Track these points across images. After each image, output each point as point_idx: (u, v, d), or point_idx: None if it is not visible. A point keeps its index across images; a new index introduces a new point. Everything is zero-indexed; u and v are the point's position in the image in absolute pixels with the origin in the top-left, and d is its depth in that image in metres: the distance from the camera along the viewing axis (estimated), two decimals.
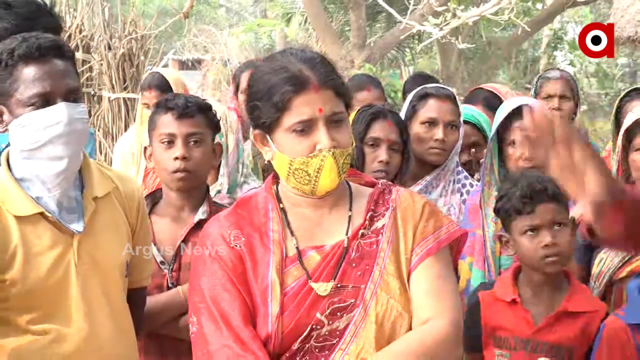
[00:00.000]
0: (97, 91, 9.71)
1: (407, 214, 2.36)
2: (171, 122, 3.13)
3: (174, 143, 3.11)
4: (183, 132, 3.12)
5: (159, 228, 3.16)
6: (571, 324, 2.95)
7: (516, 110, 3.58)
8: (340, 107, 2.28)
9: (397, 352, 2.21)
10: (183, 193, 3.18)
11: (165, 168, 3.14)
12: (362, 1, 18.54)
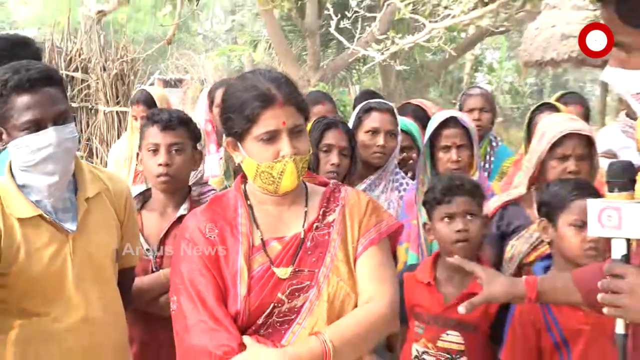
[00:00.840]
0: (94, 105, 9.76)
1: (353, 209, 2.37)
2: (156, 133, 3.12)
3: (159, 151, 3.09)
4: (166, 142, 3.10)
5: (147, 221, 3.15)
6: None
7: (445, 121, 3.60)
8: (300, 120, 2.28)
9: (345, 325, 2.21)
10: (167, 193, 3.17)
11: (151, 172, 3.13)
12: (317, 30, 18.61)
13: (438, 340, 2.95)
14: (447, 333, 2.95)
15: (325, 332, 2.17)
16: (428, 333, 2.97)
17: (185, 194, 3.22)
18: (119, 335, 2.62)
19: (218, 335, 2.18)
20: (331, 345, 2.14)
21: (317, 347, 2.15)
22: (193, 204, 3.12)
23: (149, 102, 4.94)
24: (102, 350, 2.52)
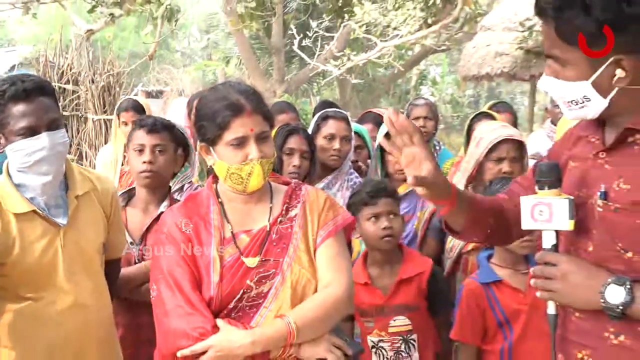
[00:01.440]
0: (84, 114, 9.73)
1: (313, 205, 2.36)
2: (142, 135, 3.11)
3: (144, 151, 3.08)
4: (150, 143, 3.09)
5: (131, 217, 3.12)
6: (409, 287, 2.99)
7: None
8: (266, 127, 2.27)
9: (307, 308, 2.21)
10: (149, 190, 3.14)
11: (136, 169, 3.12)
12: (282, 48, 18.63)
13: (388, 327, 2.97)
14: (394, 319, 2.97)
15: (289, 315, 2.17)
16: (378, 324, 2.98)
17: (166, 192, 3.19)
18: (105, 319, 2.60)
19: (194, 318, 2.16)
20: (295, 326, 2.14)
21: (282, 327, 2.15)
22: (173, 201, 3.10)
23: (139, 109, 4.95)
24: (90, 332, 2.49)
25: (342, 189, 3.75)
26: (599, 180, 1.74)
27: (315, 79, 19.42)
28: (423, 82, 24.45)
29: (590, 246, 1.75)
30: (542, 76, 1.77)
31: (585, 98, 1.70)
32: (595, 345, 1.73)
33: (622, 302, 1.61)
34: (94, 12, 8.48)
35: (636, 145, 1.70)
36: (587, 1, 1.60)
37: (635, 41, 1.63)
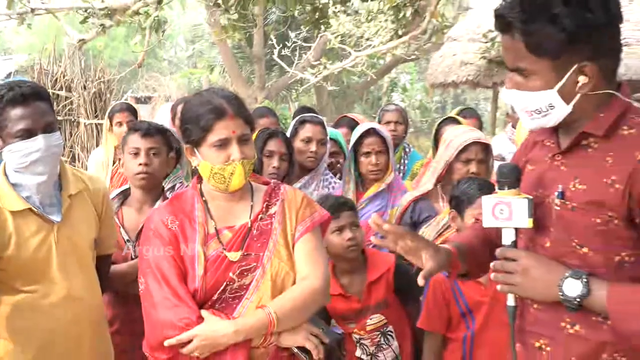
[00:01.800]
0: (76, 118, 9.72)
1: (291, 203, 2.36)
2: (137, 139, 3.10)
3: (139, 154, 3.07)
4: (145, 146, 3.09)
5: (127, 216, 3.11)
6: (378, 286, 3.00)
7: (366, 131, 3.63)
8: (247, 130, 2.27)
9: (286, 299, 2.21)
10: (144, 191, 3.13)
11: (132, 172, 3.10)
12: (262, 57, 18.66)
13: (366, 326, 2.99)
14: (370, 318, 2.98)
15: (270, 305, 2.18)
16: (357, 324, 2.99)
17: (159, 192, 3.18)
18: (96, 310, 2.59)
19: (180, 309, 2.16)
20: (275, 315, 2.15)
21: (263, 317, 2.15)
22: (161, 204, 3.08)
23: (132, 110, 4.99)
24: (82, 323, 2.48)
25: (318, 188, 3.76)
26: (556, 181, 1.75)
27: (293, 86, 19.40)
28: (394, 89, 24.49)
29: (547, 242, 1.76)
30: (504, 89, 1.77)
31: (550, 106, 1.70)
32: (552, 334, 1.74)
33: (579, 294, 1.62)
34: (86, 23, 8.39)
35: (590, 148, 1.71)
36: (554, 12, 1.59)
37: (596, 48, 1.64)
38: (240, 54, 19.98)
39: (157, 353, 2.21)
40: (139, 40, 8.14)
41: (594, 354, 1.69)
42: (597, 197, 1.65)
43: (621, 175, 1.62)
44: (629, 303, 1.59)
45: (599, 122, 1.69)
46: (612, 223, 1.64)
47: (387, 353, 2.99)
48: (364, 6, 13.10)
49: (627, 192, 1.60)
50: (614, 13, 1.64)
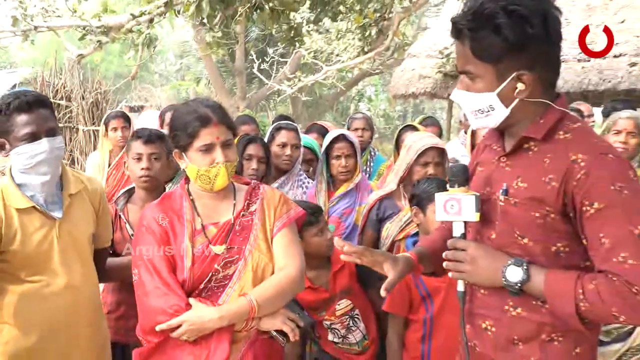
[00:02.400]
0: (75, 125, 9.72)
1: (270, 201, 2.35)
2: (140, 145, 3.08)
3: (142, 159, 3.05)
4: (147, 152, 3.06)
5: (132, 213, 3.08)
6: (342, 274, 3.00)
7: (337, 137, 3.63)
8: (230, 136, 2.26)
9: (266, 287, 2.21)
10: (147, 191, 3.10)
11: (136, 175, 3.08)
12: (243, 71, 18.64)
13: (336, 311, 2.99)
14: (338, 304, 2.98)
15: (251, 293, 2.17)
16: (327, 312, 2.99)
17: (161, 192, 3.11)
18: (94, 298, 2.55)
19: (170, 298, 2.15)
20: (256, 302, 2.14)
21: (245, 304, 2.14)
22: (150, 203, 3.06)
23: (126, 117, 4.94)
24: (81, 309, 2.45)
25: (293, 188, 3.76)
26: (501, 180, 1.76)
27: (271, 96, 19.41)
28: (361, 100, 24.61)
29: (493, 234, 1.77)
30: (455, 89, 1.79)
31: (491, 107, 1.71)
32: (497, 316, 1.76)
33: (519, 280, 1.64)
34: (84, 40, 8.31)
35: (530, 150, 1.72)
36: (497, 23, 1.60)
37: (534, 59, 1.65)
38: (223, 67, 19.92)
39: (149, 337, 2.20)
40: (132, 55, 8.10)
41: (534, 333, 1.70)
42: (536, 193, 1.66)
43: (557, 174, 1.63)
44: (563, 288, 1.60)
45: (538, 127, 1.70)
46: (550, 217, 1.65)
47: (355, 334, 3.00)
48: (334, 26, 13.14)
49: (562, 189, 1.62)
50: (553, 30, 1.65)
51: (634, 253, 1.52)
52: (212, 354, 2.14)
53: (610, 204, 1.55)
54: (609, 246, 1.55)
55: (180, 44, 26.57)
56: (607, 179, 1.56)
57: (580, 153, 1.61)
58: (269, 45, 18.54)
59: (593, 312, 1.57)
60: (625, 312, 1.54)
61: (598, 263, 1.59)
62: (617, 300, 1.53)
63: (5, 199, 2.35)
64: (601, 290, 1.55)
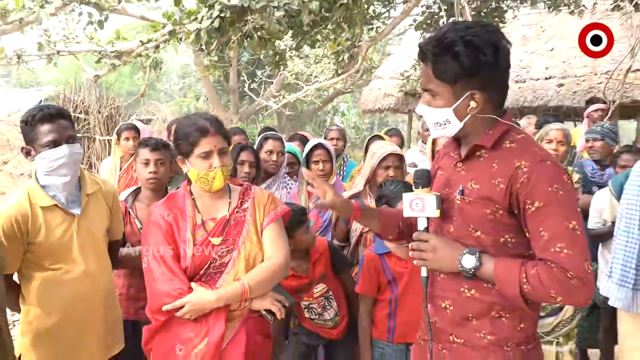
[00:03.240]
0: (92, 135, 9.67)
1: (260, 200, 2.33)
2: (147, 152, 3.06)
3: (149, 164, 3.05)
4: (154, 157, 3.06)
5: (139, 210, 3.06)
6: (319, 263, 2.98)
7: (315, 145, 3.62)
8: (225, 144, 2.24)
9: (256, 273, 2.19)
10: (153, 191, 3.09)
11: (144, 177, 3.07)
12: (236, 89, 18.58)
13: (314, 294, 2.98)
14: (316, 288, 2.97)
15: (244, 278, 2.16)
16: (307, 294, 2.98)
17: (164, 192, 3.11)
18: (108, 283, 2.52)
19: (174, 282, 2.13)
20: (248, 286, 2.13)
21: (239, 287, 2.13)
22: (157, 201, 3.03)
23: (136, 129, 4.89)
24: (96, 292, 2.42)
25: (279, 188, 3.74)
26: (458, 182, 1.76)
27: (260, 111, 19.38)
28: (335, 114, 24.63)
29: (451, 228, 1.77)
30: (419, 104, 1.78)
31: (447, 121, 1.71)
32: (454, 297, 1.76)
33: (473, 266, 1.65)
34: (100, 62, 8.22)
35: (482, 157, 1.73)
36: (455, 50, 1.61)
37: (485, 82, 1.65)
38: (219, 86, 19.85)
39: (157, 316, 2.18)
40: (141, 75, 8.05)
41: (485, 311, 1.71)
42: (487, 193, 1.67)
43: (504, 178, 1.63)
44: (509, 273, 1.61)
45: (487, 137, 1.71)
46: (498, 213, 1.65)
47: (330, 312, 2.99)
48: (312, 52, 13.17)
49: (509, 190, 1.62)
50: (502, 59, 1.66)
51: (568, 244, 1.54)
52: (211, 330, 2.12)
53: (548, 202, 1.57)
54: (548, 238, 1.56)
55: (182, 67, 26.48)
56: (545, 182, 1.58)
57: (523, 160, 1.62)
58: (257, 67, 18.54)
59: (534, 294, 1.58)
60: (562, 294, 1.55)
61: (538, 252, 1.60)
62: (555, 283, 1.55)
63: (32, 198, 2.32)
64: (541, 275, 1.56)
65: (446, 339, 1.79)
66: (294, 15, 6.23)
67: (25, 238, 2.28)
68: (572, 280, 1.53)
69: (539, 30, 12.19)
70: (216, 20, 5.94)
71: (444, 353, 1.79)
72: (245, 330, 2.19)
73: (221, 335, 2.12)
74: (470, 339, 1.73)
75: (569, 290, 1.54)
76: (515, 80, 10.98)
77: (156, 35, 7.61)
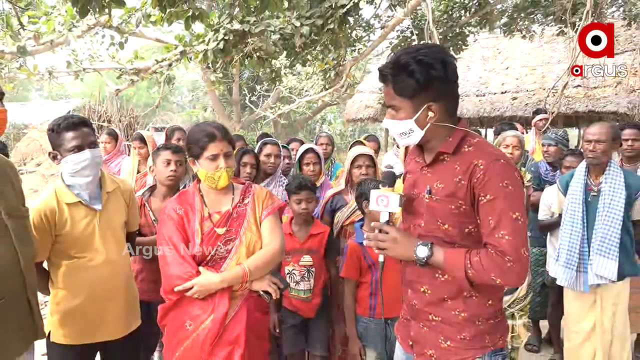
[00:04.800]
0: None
1: (259, 196, 2.31)
2: (169, 154, 3.07)
3: (170, 164, 3.05)
4: (174, 159, 3.06)
5: (154, 204, 3.05)
6: (315, 239, 2.98)
7: (307, 149, 3.60)
8: (230, 149, 2.21)
9: (256, 258, 2.17)
10: (168, 188, 3.07)
11: (164, 175, 3.06)
12: (238, 102, 18.53)
13: (300, 261, 2.95)
14: (303, 257, 2.95)
15: (245, 263, 2.14)
16: (293, 259, 2.96)
17: (177, 189, 3.09)
18: (126, 269, 2.48)
19: (185, 266, 2.11)
20: (248, 269, 2.12)
21: (240, 271, 2.11)
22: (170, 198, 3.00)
23: (142, 139, 4.79)
24: (116, 277, 2.38)
25: (276, 187, 3.70)
26: (425, 183, 1.76)
27: (259, 120, 19.30)
28: (324, 123, 24.61)
29: (422, 222, 1.76)
30: (385, 119, 1.77)
31: (410, 130, 1.70)
32: (431, 282, 1.75)
33: (425, 255, 1.67)
34: (120, 78, 8.15)
35: (444, 161, 1.72)
36: (410, 69, 1.61)
37: (438, 93, 1.65)
38: (224, 99, 19.77)
39: (169, 296, 2.15)
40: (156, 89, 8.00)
41: (458, 293, 1.70)
42: (451, 191, 1.66)
43: (464, 175, 1.63)
44: (456, 260, 1.62)
45: (448, 144, 1.70)
46: (462, 208, 1.65)
47: (305, 284, 2.94)
48: (303, 69, 13.14)
49: (469, 185, 1.62)
50: (451, 72, 1.65)
51: (510, 231, 1.55)
52: (216, 307, 2.11)
53: (498, 196, 1.57)
54: (494, 225, 1.57)
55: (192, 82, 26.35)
56: (497, 178, 1.58)
57: (480, 159, 1.62)
58: (257, 83, 18.48)
59: (477, 277, 1.60)
60: (500, 276, 1.57)
61: (485, 237, 1.61)
62: (495, 267, 1.56)
63: (58, 196, 2.29)
64: (483, 260, 1.58)
65: (426, 317, 1.78)
66: (287, 38, 6.21)
67: (53, 230, 2.25)
68: (508, 263, 1.55)
69: (495, 52, 12.27)
70: (221, 43, 5.91)
71: (425, 330, 1.79)
72: (247, 308, 2.17)
73: (225, 312, 2.10)
74: (447, 317, 1.73)
75: (505, 272, 1.56)
76: (475, 94, 11.03)
77: (169, 55, 7.56)
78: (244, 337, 2.12)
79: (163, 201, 3.05)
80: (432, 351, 1.76)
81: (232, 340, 2.11)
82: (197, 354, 2.10)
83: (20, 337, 1.85)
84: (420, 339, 1.81)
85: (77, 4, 3.92)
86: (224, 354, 2.10)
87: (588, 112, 9.67)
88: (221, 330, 2.10)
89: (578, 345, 3.11)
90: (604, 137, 3.01)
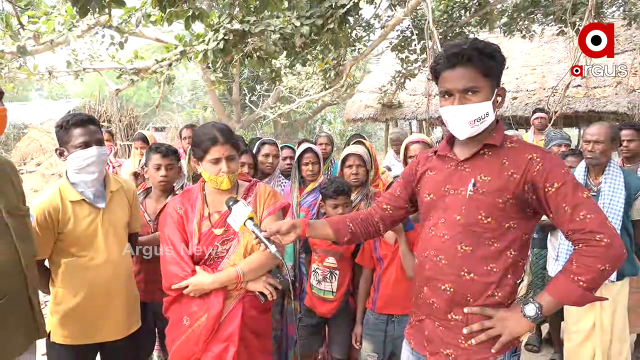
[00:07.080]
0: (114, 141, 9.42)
1: (261, 195, 2.33)
2: (159, 158, 3.04)
3: (160, 169, 3.03)
4: (164, 163, 3.04)
5: (149, 205, 3.06)
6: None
7: (305, 149, 3.60)
8: (233, 152, 2.21)
9: (251, 260, 2.19)
10: (162, 191, 3.08)
11: (156, 180, 3.05)
12: (238, 101, 18.52)
13: (324, 261, 2.95)
14: (328, 258, 2.94)
15: (239, 264, 2.16)
16: (319, 258, 2.96)
17: (171, 190, 3.12)
18: (127, 269, 2.49)
19: (182, 266, 2.14)
20: (242, 272, 2.14)
21: (233, 273, 2.14)
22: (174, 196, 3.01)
23: (144, 139, 4.83)
24: (117, 277, 2.39)
25: (274, 187, 3.72)
26: (465, 178, 1.72)
27: (259, 120, 19.32)
28: (324, 122, 24.64)
29: (458, 217, 1.71)
30: (450, 107, 1.69)
31: (486, 114, 1.66)
32: (455, 280, 1.70)
33: (536, 310, 1.60)
34: (120, 78, 8.16)
35: (486, 155, 1.71)
36: (490, 50, 1.63)
37: (499, 82, 1.68)
38: (223, 99, 19.78)
39: (169, 292, 2.19)
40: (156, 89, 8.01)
41: (481, 291, 1.67)
42: (500, 184, 1.64)
43: (518, 168, 1.63)
44: (562, 287, 1.56)
45: (494, 137, 1.70)
46: (509, 202, 1.63)
47: (327, 285, 2.94)
48: (304, 69, 13.14)
49: (524, 178, 1.61)
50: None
51: (589, 210, 1.53)
52: (210, 305, 2.13)
53: (565, 181, 1.56)
54: (571, 210, 1.54)
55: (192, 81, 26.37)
56: (558, 166, 1.59)
57: (533, 153, 1.63)
58: (257, 83, 18.50)
59: (590, 280, 1.52)
60: (606, 261, 1.50)
61: (566, 226, 1.56)
62: (595, 257, 1.50)
63: (62, 193, 2.31)
64: (579, 261, 1.52)
65: (444, 317, 1.73)
66: (287, 38, 6.21)
67: (56, 228, 2.26)
68: (602, 241, 1.49)
69: None
70: (221, 42, 5.91)
71: (441, 330, 1.75)
72: (242, 306, 2.18)
73: (219, 311, 2.12)
74: (469, 316, 1.69)
75: (606, 255, 1.49)
76: None
77: (169, 55, 7.56)
78: (237, 335, 2.13)
79: (157, 203, 3.07)
80: (449, 351, 1.71)
81: (226, 338, 2.13)
82: (192, 349, 2.14)
83: (21, 336, 1.86)
84: (434, 338, 1.76)
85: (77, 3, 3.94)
86: (218, 350, 2.12)
87: (588, 112, 9.68)
88: (215, 327, 2.12)
89: (578, 345, 3.12)
90: (602, 138, 3.02)
